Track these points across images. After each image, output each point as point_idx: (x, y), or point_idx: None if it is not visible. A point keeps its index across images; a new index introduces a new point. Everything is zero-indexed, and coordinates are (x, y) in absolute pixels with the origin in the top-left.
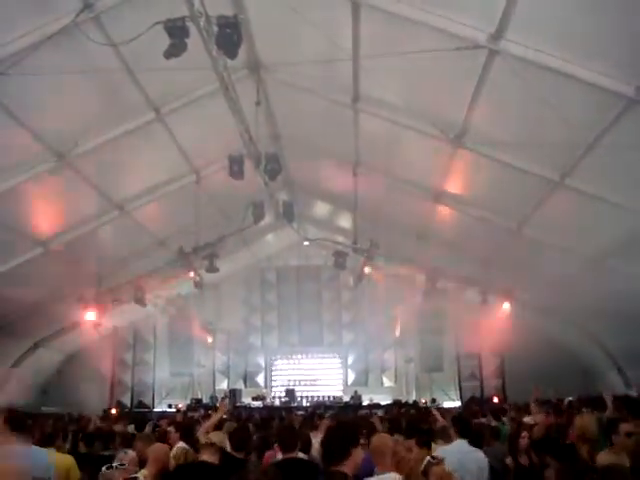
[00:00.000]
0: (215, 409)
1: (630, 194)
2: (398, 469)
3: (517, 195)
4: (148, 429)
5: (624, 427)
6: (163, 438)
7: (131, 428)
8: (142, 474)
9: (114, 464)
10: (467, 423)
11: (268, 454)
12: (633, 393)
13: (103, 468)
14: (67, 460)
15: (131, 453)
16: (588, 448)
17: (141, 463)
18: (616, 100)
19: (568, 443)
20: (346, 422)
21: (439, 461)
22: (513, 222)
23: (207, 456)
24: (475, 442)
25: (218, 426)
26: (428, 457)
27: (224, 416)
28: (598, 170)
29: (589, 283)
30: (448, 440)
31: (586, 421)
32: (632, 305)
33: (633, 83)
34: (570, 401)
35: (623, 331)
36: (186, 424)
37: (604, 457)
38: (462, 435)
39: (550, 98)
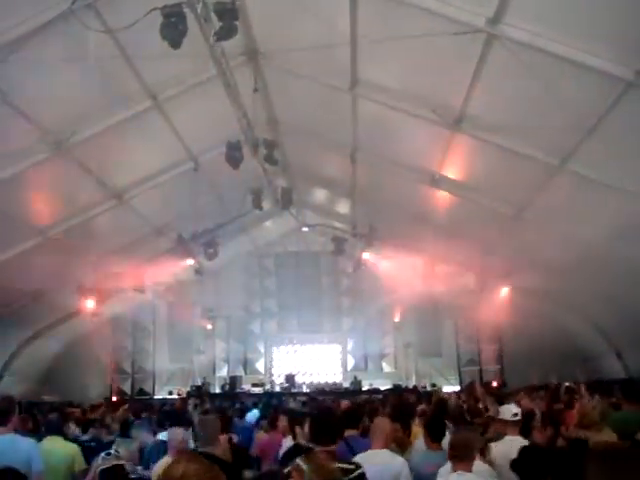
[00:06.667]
0: (207, 394)
1: (629, 178)
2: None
3: (516, 180)
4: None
5: None
6: None
7: None
8: None
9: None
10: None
11: None
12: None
13: (102, 454)
14: (71, 449)
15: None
16: (587, 433)
17: None
18: (615, 84)
19: None
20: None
21: None
22: (512, 207)
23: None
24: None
25: None
26: None
27: None
28: (598, 154)
29: (589, 268)
30: None
31: (585, 408)
32: (632, 289)
33: (632, 66)
34: (567, 386)
35: (622, 315)
36: None
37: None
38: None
39: (549, 82)
